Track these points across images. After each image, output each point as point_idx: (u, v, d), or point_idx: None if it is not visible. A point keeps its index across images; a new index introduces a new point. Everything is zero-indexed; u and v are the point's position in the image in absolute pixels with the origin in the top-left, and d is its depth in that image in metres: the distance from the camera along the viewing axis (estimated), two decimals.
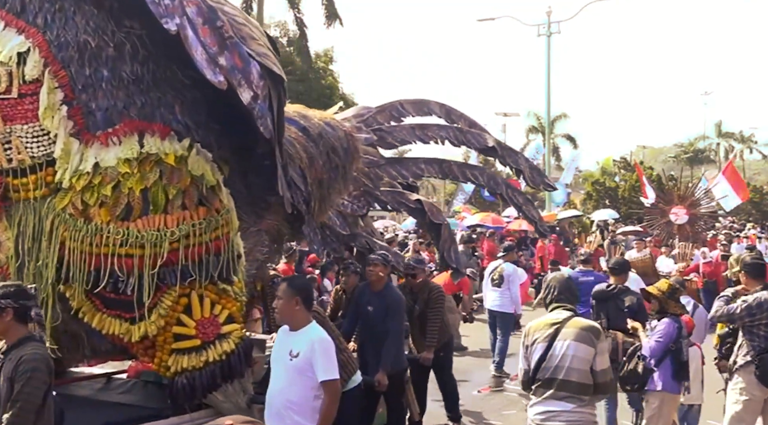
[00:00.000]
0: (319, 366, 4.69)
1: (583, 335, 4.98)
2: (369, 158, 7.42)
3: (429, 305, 7.94)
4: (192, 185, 5.06)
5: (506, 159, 7.97)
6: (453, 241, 8.19)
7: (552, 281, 5.45)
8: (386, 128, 7.73)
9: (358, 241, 7.63)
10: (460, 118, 8.09)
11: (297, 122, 6.48)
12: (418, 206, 7.66)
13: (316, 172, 6.42)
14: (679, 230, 12.37)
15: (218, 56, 4.62)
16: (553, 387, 4.98)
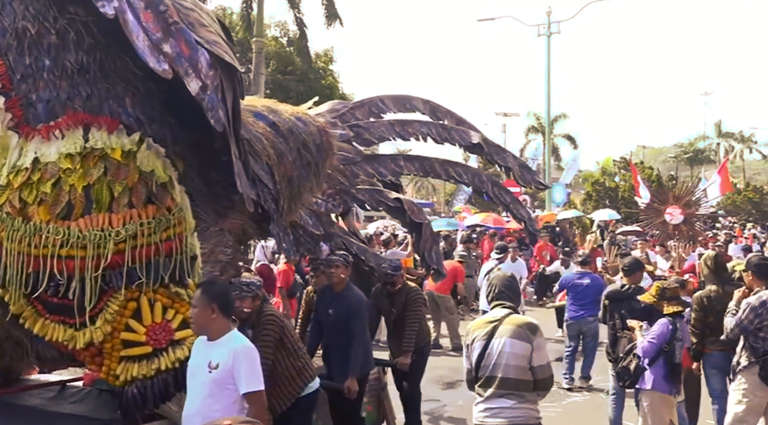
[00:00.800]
0: (242, 377, 4.38)
1: (519, 331, 5.00)
2: (344, 154, 7.13)
3: (407, 308, 7.74)
4: (140, 182, 4.73)
5: (494, 157, 7.66)
6: (434, 241, 7.89)
7: (494, 279, 5.47)
8: (364, 124, 7.43)
9: (334, 241, 7.31)
10: (446, 115, 7.80)
11: (266, 116, 6.22)
12: (397, 204, 7.35)
13: (285, 169, 6.16)
14: (675, 231, 12.10)
15: (162, 43, 4.32)
16: (494, 385, 5.01)
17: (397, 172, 7.57)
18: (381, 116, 7.66)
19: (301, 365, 5.96)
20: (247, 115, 6.02)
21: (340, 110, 7.44)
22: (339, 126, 7.18)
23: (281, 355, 5.87)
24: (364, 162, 7.34)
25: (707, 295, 7.73)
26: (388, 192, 7.41)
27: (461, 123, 7.76)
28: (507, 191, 7.91)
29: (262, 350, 5.56)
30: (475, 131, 7.68)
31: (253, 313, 5.92)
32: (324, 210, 7.01)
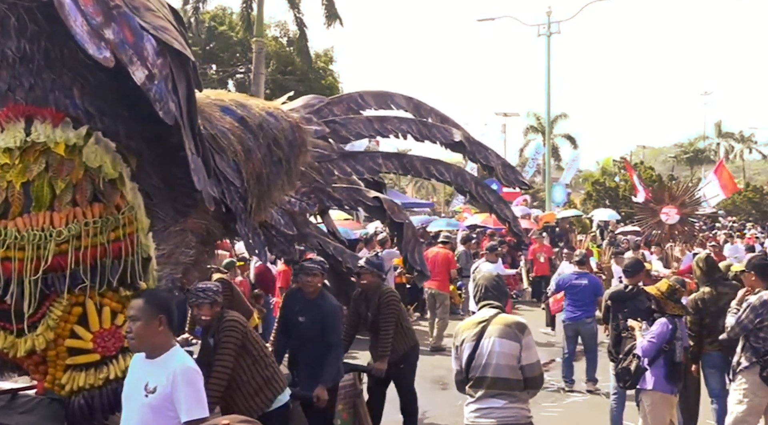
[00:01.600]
0: (182, 402, 3.84)
1: (507, 331, 4.99)
2: (319, 151, 6.87)
3: (380, 311, 7.41)
4: (86, 179, 4.44)
5: (476, 156, 7.38)
6: (417, 241, 7.58)
7: (481, 279, 5.43)
8: (340, 120, 7.15)
9: (309, 242, 7.05)
10: (430, 112, 7.53)
11: (234, 111, 5.95)
12: (376, 204, 7.07)
13: (254, 166, 5.90)
14: (670, 231, 11.92)
15: (103, 28, 4.01)
16: (485, 385, 4.98)
17: (375, 170, 7.31)
18: (360, 113, 7.39)
19: (268, 374, 5.61)
20: (214, 109, 5.82)
21: (316, 105, 7.16)
22: (314, 122, 6.91)
23: (245, 363, 5.51)
24: (340, 159, 7.05)
25: (701, 297, 7.67)
26: (367, 191, 7.14)
27: (445, 121, 7.51)
28: (491, 191, 7.68)
29: (222, 358, 5.35)
30: (457, 129, 7.41)
31: (212, 321, 5.58)
32: (298, 209, 6.71)
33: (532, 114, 56.09)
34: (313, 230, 7.15)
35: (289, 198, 6.57)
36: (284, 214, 6.56)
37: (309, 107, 7.10)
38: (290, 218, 6.62)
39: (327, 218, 7.68)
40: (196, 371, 3.98)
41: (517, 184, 7.88)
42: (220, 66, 38.08)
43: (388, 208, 7.08)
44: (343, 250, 7.40)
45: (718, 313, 7.42)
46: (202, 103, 5.65)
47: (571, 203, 37.16)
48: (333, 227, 7.84)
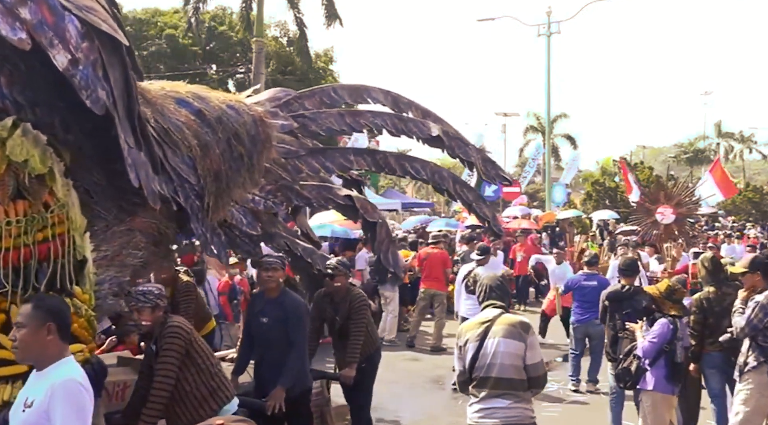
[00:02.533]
0: (58, 420, 3.38)
1: (512, 330, 5.01)
2: (286, 147, 6.55)
3: (350, 316, 7.11)
4: (8, 173, 4.08)
5: (455, 151, 7.11)
6: (391, 242, 7.28)
7: (485, 280, 5.48)
8: (310, 115, 6.82)
9: (276, 242, 6.70)
10: (409, 106, 7.25)
11: (190, 103, 5.67)
12: (348, 202, 6.78)
13: (211, 162, 5.62)
14: (666, 231, 11.92)
15: (18, 7, 3.60)
16: (489, 386, 5.00)
17: (346, 167, 7.04)
18: (334, 107, 7.09)
19: (215, 384, 5.27)
20: (168, 102, 5.54)
21: (283, 98, 6.83)
22: (281, 116, 6.58)
23: (189, 373, 5.17)
24: (308, 156, 6.72)
25: (706, 297, 7.68)
26: (339, 188, 6.88)
27: (426, 115, 7.24)
28: (470, 188, 7.50)
29: (164, 367, 5.06)
30: (436, 123, 7.11)
31: (155, 326, 5.23)
32: (263, 208, 6.36)
33: (532, 114, 56.14)
34: (281, 229, 6.81)
35: (252, 196, 6.25)
36: (247, 213, 6.22)
37: (275, 100, 6.76)
38: (254, 218, 6.29)
39: (300, 217, 7.43)
40: (78, 384, 3.52)
41: (498, 179, 7.69)
42: (220, 66, 38.13)
43: (360, 207, 6.80)
44: (312, 251, 7.12)
45: (722, 313, 7.48)
46: (155, 95, 5.41)
47: (571, 203, 37.20)
48: (306, 227, 7.57)
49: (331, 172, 6.90)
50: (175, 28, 36.99)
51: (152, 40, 37.18)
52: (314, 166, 6.74)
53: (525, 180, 40.12)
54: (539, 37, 32.20)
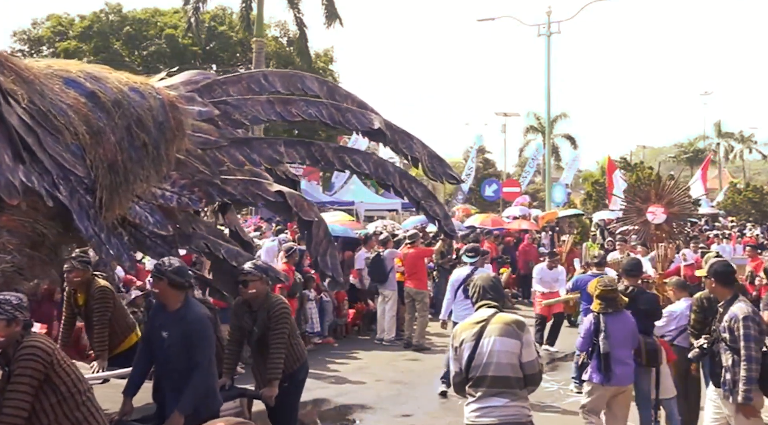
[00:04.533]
0: None
1: (508, 329, 5.03)
2: (203, 136, 5.84)
3: (269, 327, 6.27)
4: None
5: (398, 145, 6.51)
6: (330, 243, 6.51)
7: (478, 280, 5.47)
8: (234, 101, 6.10)
9: (194, 243, 5.96)
10: (346, 98, 6.62)
11: (81, 84, 5.09)
12: (279, 199, 6.06)
13: (105, 151, 5.02)
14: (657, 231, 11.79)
15: None
16: (485, 384, 4.99)
17: (276, 160, 6.28)
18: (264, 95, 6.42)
19: (80, 416, 4.36)
20: (54, 81, 5.02)
21: (200, 82, 6.10)
22: (198, 102, 5.90)
23: (48, 402, 4.26)
24: (231, 147, 6.00)
25: (707, 296, 7.64)
26: (269, 183, 6.13)
27: (363, 107, 6.63)
28: (418, 184, 6.78)
29: (15, 396, 4.14)
30: (374, 114, 6.54)
31: (8, 343, 4.27)
32: (176, 205, 5.66)
33: (532, 114, 56.14)
34: (203, 229, 6.08)
35: (162, 191, 5.55)
36: (155, 210, 5.52)
37: (191, 84, 6.05)
38: (164, 216, 5.61)
39: (230, 215, 6.67)
40: None
41: (446, 178, 6.89)
42: (220, 66, 38.10)
43: (294, 204, 6.12)
44: (238, 253, 6.26)
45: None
46: (36, 74, 4.95)
47: (571, 203, 37.17)
48: (237, 226, 6.87)
49: (257, 165, 6.14)
50: (175, 28, 37.02)
51: (152, 40, 37.23)
52: (238, 158, 6.01)
53: (525, 180, 40.15)
54: (539, 37, 32.15)
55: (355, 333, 14.92)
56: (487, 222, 23.14)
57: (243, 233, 6.94)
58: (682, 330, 8.11)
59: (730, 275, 6.49)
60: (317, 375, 11.37)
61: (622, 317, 7.23)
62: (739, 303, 6.25)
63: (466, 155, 51.69)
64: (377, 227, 19.10)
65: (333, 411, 9.68)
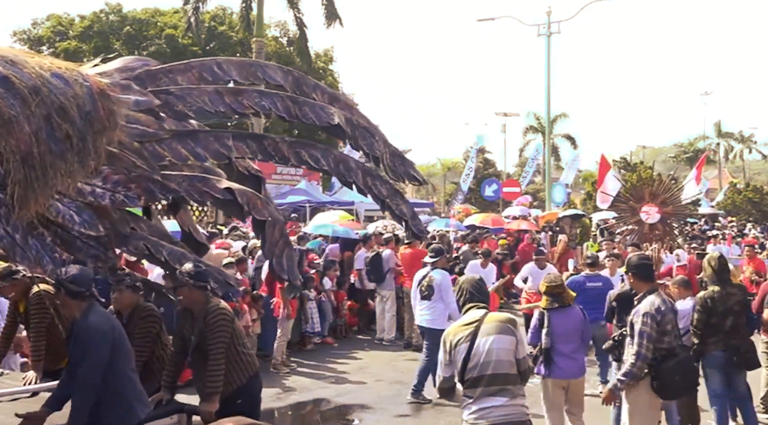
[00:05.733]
0: None
1: (503, 327, 5.11)
2: (140, 128, 5.35)
3: (206, 335, 5.73)
4: None
5: (359, 142, 6.06)
6: (287, 244, 5.99)
7: (464, 283, 5.50)
8: (178, 91, 5.56)
9: (131, 244, 5.49)
10: (314, 89, 6.13)
11: None
12: (227, 196, 5.53)
13: (18, 142, 4.61)
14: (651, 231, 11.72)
15: None
16: (483, 384, 5.01)
17: (223, 154, 5.72)
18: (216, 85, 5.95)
19: None
20: None
21: (138, 69, 5.59)
22: (135, 91, 5.41)
23: None
24: (173, 140, 5.49)
25: (710, 296, 7.68)
26: (218, 180, 5.63)
27: (334, 100, 6.20)
28: (384, 182, 6.28)
29: None
30: (344, 110, 6.07)
31: None
32: (109, 203, 5.20)
33: (532, 114, 56.19)
34: (144, 229, 5.64)
35: (92, 188, 5.09)
36: (82, 209, 5.06)
37: (127, 71, 5.54)
38: (96, 215, 5.16)
39: (182, 214, 6.25)
40: None
41: (407, 177, 6.49)
42: None
43: (245, 202, 5.59)
44: (182, 255, 5.70)
45: (726, 313, 7.58)
46: None
47: (571, 203, 37.20)
48: (191, 226, 6.41)
49: (202, 159, 5.66)
50: (175, 28, 37.05)
51: (152, 40, 37.24)
52: (180, 152, 5.49)
53: (525, 180, 40.16)
54: (539, 37, 32.14)
55: (355, 333, 14.91)
56: (487, 222, 23.18)
57: (197, 233, 6.49)
58: (686, 330, 8.10)
59: (648, 269, 6.51)
60: (317, 375, 11.38)
61: (568, 312, 7.33)
62: (650, 298, 6.23)
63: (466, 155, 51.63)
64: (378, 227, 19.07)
65: (333, 411, 9.68)
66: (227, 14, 39.56)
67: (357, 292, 15.29)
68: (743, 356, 7.70)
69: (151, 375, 6.12)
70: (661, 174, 27.98)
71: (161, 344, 6.37)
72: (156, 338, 6.33)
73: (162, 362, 6.23)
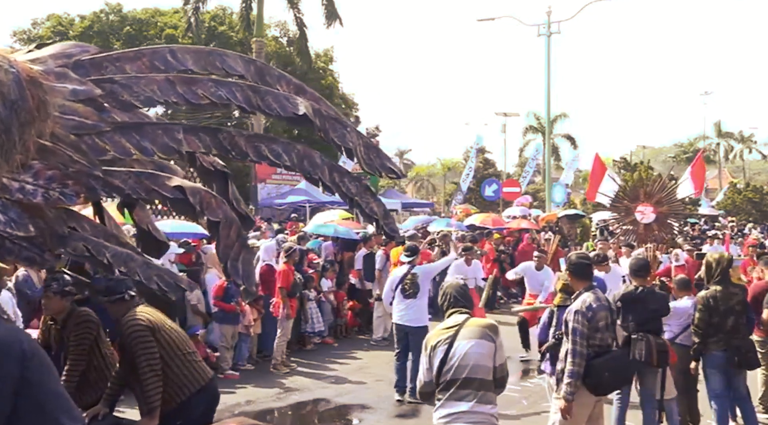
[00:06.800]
0: None
1: (483, 332, 5.12)
2: (77, 120, 4.93)
3: (126, 349, 5.42)
4: None
5: (329, 134, 5.50)
6: (243, 246, 5.43)
7: (448, 288, 5.51)
8: (124, 80, 5.14)
9: (71, 246, 5.04)
10: (278, 80, 5.57)
11: None
12: (177, 195, 5.08)
13: None
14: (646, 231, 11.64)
15: None
16: (455, 387, 5.02)
17: (173, 148, 5.21)
18: None
19: None
20: None
21: (76, 55, 5.16)
22: (73, 79, 5.02)
23: None
24: (116, 133, 5.05)
25: (713, 295, 7.69)
26: (168, 177, 5.23)
27: (301, 91, 5.64)
28: (353, 179, 5.73)
29: None
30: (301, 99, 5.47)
31: None
32: (42, 200, 4.81)
33: (532, 114, 56.32)
34: (87, 229, 5.17)
35: (20, 184, 4.71)
36: (9, 207, 4.69)
37: (64, 57, 5.14)
38: (23, 213, 4.79)
39: (139, 212, 5.76)
40: None
41: (383, 170, 5.80)
42: None
43: (197, 202, 5.14)
44: (129, 257, 5.22)
45: (727, 312, 7.59)
46: None
47: (571, 203, 37.20)
48: (150, 225, 5.92)
49: (149, 154, 5.17)
50: (175, 28, 37.04)
51: (152, 40, 37.20)
52: (124, 146, 5.03)
53: (525, 180, 40.19)
54: (539, 37, 32.15)
55: (354, 333, 14.92)
56: (487, 222, 23.17)
57: (157, 232, 6.01)
58: (684, 327, 8.12)
59: (586, 268, 6.58)
60: (317, 375, 11.39)
61: None
62: (583, 296, 6.31)
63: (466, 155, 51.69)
64: None
65: (333, 411, 9.68)
66: (227, 14, 39.56)
67: (357, 292, 15.29)
68: (744, 356, 7.71)
69: (88, 387, 5.81)
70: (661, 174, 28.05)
71: (99, 353, 5.96)
72: (93, 346, 5.93)
73: (100, 372, 5.90)
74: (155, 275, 5.09)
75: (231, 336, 11.33)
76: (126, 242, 5.46)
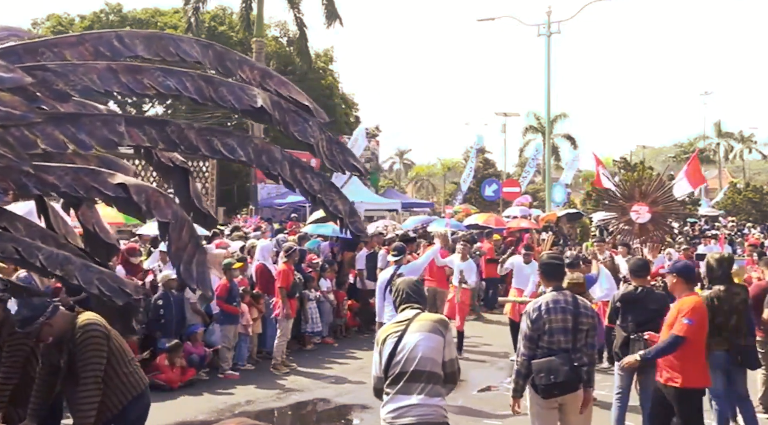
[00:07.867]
0: None
1: (432, 326, 5.10)
2: (3, 110, 4.46)
3: (76, 358, 5.14)
4: None
5: (288, 128, 5.12)
6: (197, 249, 5.03)
7: (401, 284, 5.52)
8: (58, 67, 4.65)
9: None
10: (240, 65, 5.18)
11: None
12: (120, 194, 4.68)
13: None
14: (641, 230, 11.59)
15: None
16: (404, 380, 4.99)
17: (113, 141, 4.71)
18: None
19: None
20: None
21: (4, 39, 4.81)
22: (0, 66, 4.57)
23: None
24: (49, 124, 4.57)
25: (716, 295, 7.67)
26: (110, 174, 4.80)
27: (267, 77, 5.26)
28: (316, 175, 5.34)
29: None
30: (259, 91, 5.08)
31: None
32: None
33: (532, 114, 56.33)
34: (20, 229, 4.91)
35: None
36: None
37: None
38: None
39: (84, 211, 5.46)
40: None
41: (346, 167, 5.60)
42: None
43: (144, 201, 4.74)
44: (66, 260, 4.70)
45: (730, 312, 7.58)
46: None
47: (571, 203, 37.22)
48: (96, 225, 5.55)
49: (86, 148, 4.67)
50: (175, 28, 37.00)
51: None
52: (57, 138, 4.56)
53: (525, 180, 40.17)
54: (539, 37, 32.10)
55: (354, 333, 14.92)
56: (490, 221, 23.18)
57: (105, 233, 5.64)
58: None
59: (555, 268, 6.53)
60: (317, 375, 11.38)
61: None
62: (543, 297, 6.30)
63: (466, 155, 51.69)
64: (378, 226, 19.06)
65: (333, 411, 9.68)
66: (227, 14, 39.57)
67: (357, 292, 15.30)
68: (746, 355, 7.71)
69: (26, 400, 5.54)
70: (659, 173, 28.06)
71: (37, 362, 5.62)
72: (30, 356, 5.66)
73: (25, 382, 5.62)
74: (96, 279, 4.67)
75: (232, 335, 11.34)
76: (67, 244, 5.11)
